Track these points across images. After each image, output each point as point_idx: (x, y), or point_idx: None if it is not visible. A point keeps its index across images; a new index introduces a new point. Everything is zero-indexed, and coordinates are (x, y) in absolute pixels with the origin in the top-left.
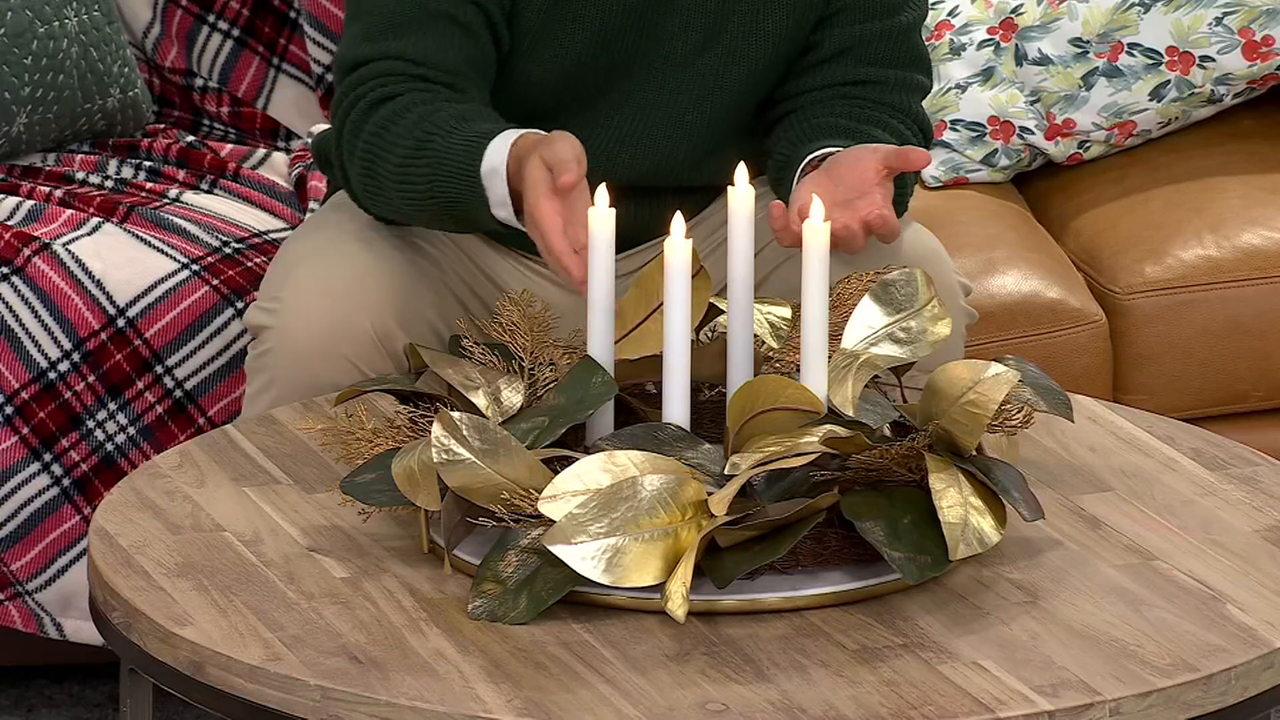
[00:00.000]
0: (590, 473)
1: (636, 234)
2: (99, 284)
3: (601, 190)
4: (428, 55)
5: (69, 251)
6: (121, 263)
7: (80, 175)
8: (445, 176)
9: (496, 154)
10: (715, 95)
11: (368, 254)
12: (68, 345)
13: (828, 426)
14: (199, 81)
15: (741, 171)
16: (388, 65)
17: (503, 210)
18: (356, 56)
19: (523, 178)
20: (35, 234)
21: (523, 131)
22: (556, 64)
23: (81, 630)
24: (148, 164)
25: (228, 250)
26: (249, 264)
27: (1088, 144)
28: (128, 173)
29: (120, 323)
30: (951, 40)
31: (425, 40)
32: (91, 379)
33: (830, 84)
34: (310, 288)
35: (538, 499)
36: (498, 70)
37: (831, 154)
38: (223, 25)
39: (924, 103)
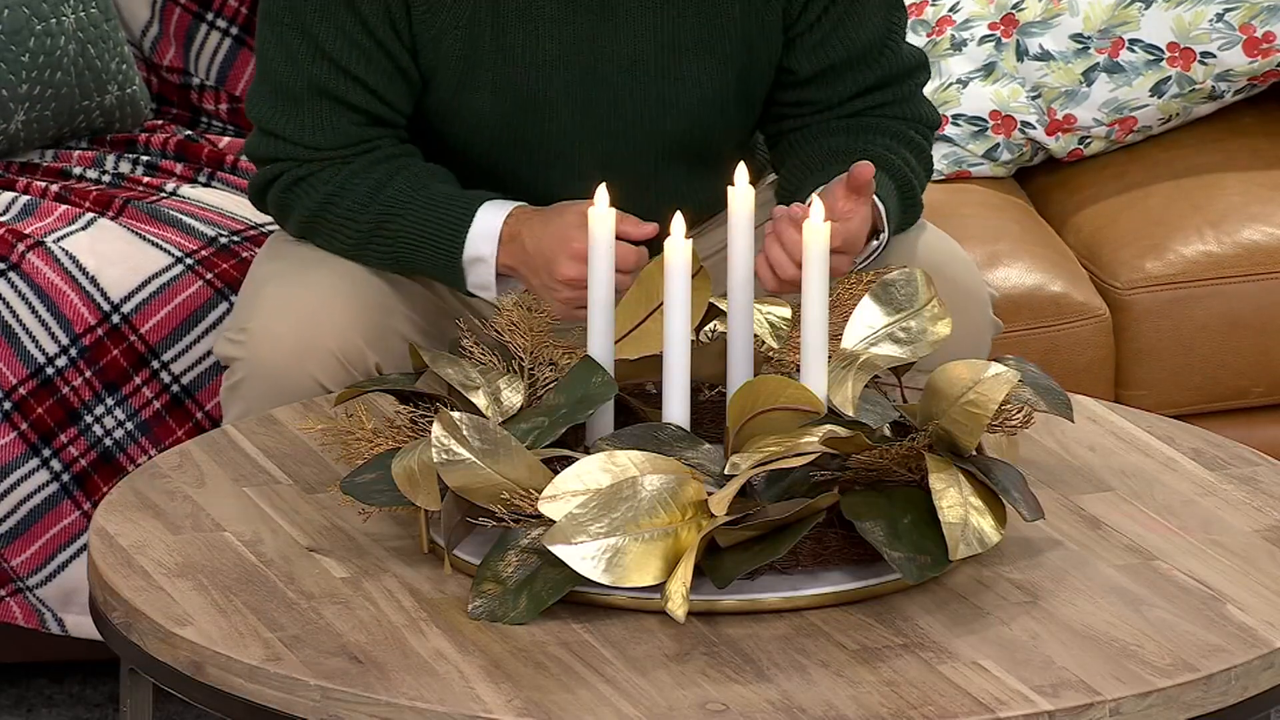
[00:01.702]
0: (590, 473)
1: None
2: (93, 280)
3: (601, 190)
4: (321, 141)
5: (62, 248)
6: (115, 258)
7: (78, 170)
8: (412, 252)
9: (484, 243)
10: (656, 143)
11: (331, 275)
12: (64, 341)
13: (828, 426)
14: (197, 80)
15: (741, 171)
16: (287, 148)
17: (485, 293)
18: (261, 119)
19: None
20: (29, 230)
21: (509, 210)
22: (477, 137)
23: (83, 625)
24: (145, 159)
25: (221, 242)
26: (243, 255)
27: (1089, 139)
28: (125, 167)
29: (115, 318)
30: (953, 35)
31: (318, 123)
32: (89, 374)
33: (833, 101)
34: (274, 314)
35: (538, 499)
36: (424, 136)
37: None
38: (221, 23)
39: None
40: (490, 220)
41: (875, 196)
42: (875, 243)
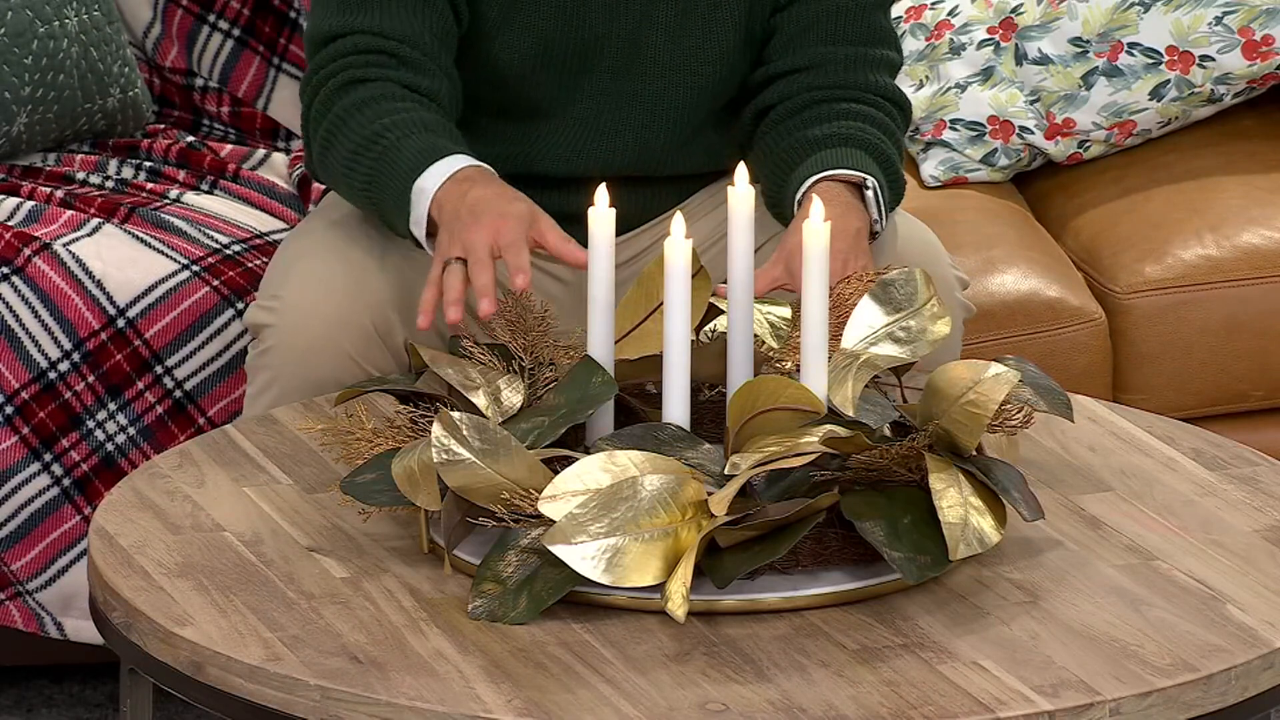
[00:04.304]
0: (590, 473)
1: (623, 222)
2: (99, 284)
3: (601, 190)
4: (394, 29)
5: (69, 252)
6: (122, 263)
7: (80, 175)
8: (382, 178)
9: (432, 177)
10: (688, 82)
11: (366, 249)
12: (68, 345)
13: (828, 426)
14: (199, 81)
15: (741, 171)
16: (356, 41)
17: (417, 229)
18: (328, 30)
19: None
20: (36, 234)
21: (465, 164)
22: (523, 46)
23: (82, 630)
24: (148, 164)
25: (228, 251)
26: (249, 265)
27: (1088, 143)
28: (128, 173)
29: (120, 323)
30: (951, 40)
31: (392, 14)
32: (91, 379)
33: (792, 69)
34: (309, 284)
35: (538, 499)
36: (467, 55)
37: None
38: (223, 25)
39: (924, 102)
40: (453, 163)
41: (864, 187)
42: (875, 243)
